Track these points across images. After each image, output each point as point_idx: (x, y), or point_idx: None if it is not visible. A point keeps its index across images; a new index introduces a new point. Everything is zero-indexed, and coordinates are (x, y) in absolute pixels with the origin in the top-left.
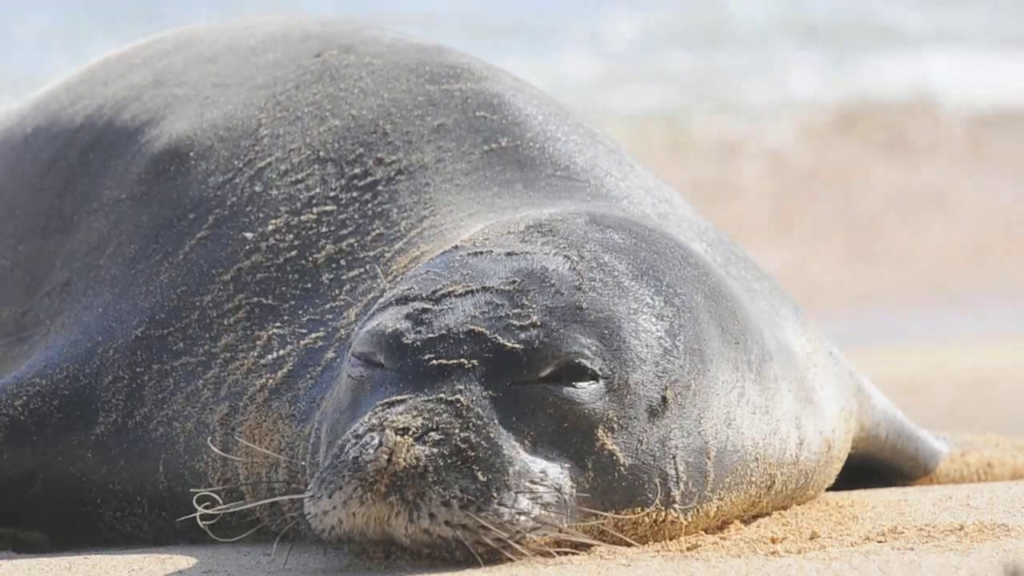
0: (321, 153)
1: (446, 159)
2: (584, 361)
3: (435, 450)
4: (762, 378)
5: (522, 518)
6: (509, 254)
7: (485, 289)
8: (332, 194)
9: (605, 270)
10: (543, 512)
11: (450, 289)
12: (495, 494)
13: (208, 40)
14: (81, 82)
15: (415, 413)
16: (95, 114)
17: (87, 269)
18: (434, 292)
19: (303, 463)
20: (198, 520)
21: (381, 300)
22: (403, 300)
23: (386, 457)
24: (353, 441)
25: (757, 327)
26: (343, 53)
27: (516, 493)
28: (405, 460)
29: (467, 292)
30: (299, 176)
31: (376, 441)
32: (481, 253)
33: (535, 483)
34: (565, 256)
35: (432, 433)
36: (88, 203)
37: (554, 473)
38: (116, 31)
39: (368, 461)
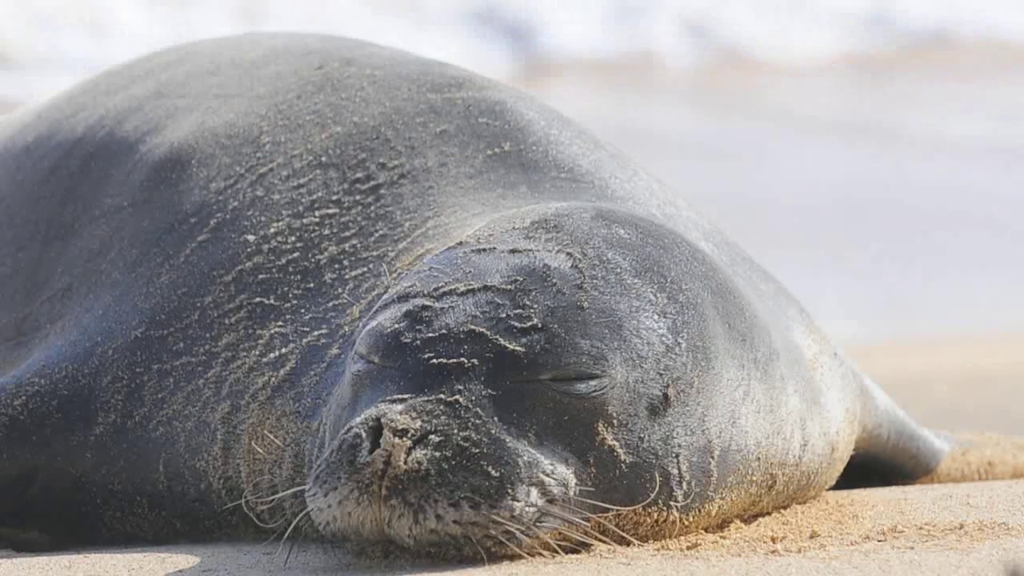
0: (323, 158)
1: (449, 163)
2: (583, 368)
3: (437, 453)
4: (768, 377)
5: (531, 510)
6: (512, 251)
7: (487, 288)
8: (335, 197)
9: (608, 267)
10: (550, 505)
11: (452, 287)
12: (509, 488)
13: (210, 53)
14: (83, 92)
15: (414, 414)
16: (96, 124)
17: (88, 274)
18: (436, 289)
19: (312, 459)
20: (244, 506)
21: (384, 297)
22: (405, 297)
23: (383, 459)
24: (350, 441)
25: (764, 325)
26: (345, 65)
27: (529, 486)
28: (406, 464)
29: (469, 291)
30: (301, 181)
31: (370, 444)
32: (484, 250)
33: (546, 474)
34: (568, 254)
35: (432, 436)
36: (89, 210)
37: (561, 467)
38: None
39: (365, 464)
